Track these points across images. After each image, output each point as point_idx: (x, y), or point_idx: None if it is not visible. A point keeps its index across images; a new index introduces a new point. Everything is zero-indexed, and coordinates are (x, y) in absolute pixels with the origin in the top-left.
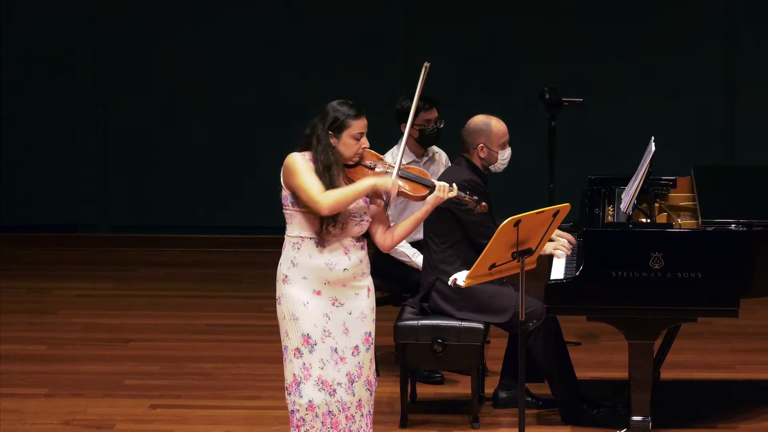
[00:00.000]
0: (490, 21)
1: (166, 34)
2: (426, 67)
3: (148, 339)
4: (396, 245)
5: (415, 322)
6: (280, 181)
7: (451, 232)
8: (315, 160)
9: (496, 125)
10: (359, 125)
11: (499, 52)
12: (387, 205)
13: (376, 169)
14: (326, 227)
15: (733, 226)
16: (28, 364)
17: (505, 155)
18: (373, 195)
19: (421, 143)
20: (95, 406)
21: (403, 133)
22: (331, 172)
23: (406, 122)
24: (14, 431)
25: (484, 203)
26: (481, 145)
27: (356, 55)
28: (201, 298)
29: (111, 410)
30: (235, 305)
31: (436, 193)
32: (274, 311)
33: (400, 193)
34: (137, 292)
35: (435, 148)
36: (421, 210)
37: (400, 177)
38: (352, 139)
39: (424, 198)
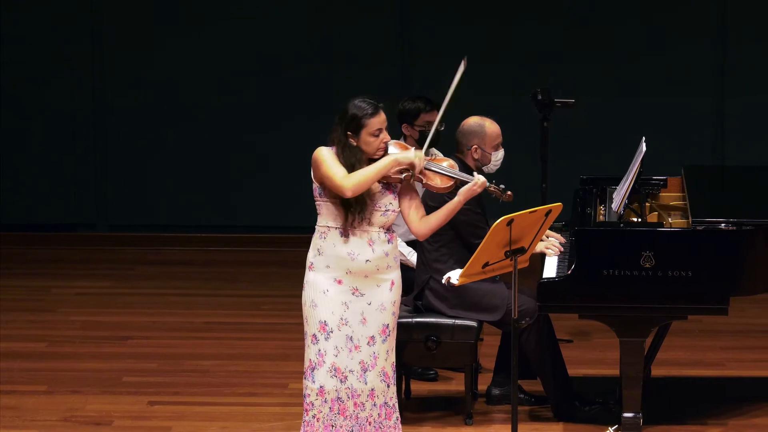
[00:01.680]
0: (483, 22)
1: (164, 35)
2: (464, 62)
3: (146, 336)
4: (430, 234)
5: (409, 320)
6: (311, 176)
7: (445, 232)
8: (338, 158)
9: (490, 127)
10: (376, 122)
11: (492, 53)
12: (413, 176)
13: None
14: (352, 221)
15: (723, 225)
16: (27, 362)
17: (498, 156)
18: (398, 172)
19: (421, 145)
20: (94, 403)
21: (403, 134)
22: (354, 171)
23: (407, 123)
24: (14, 427)
25: (509, 192)
26: (475, 146)
27: (351, 56)
28: (198, 296)
29: (110, 407)
30: (232, 303)
31: (470, 186)
32: (270, 309)
33: (426, 185)
34: (135, 290)
35: (434, 150)
36: (453, 201)
37: (428, 170)
38: (371, 137)
39: (449, 189)
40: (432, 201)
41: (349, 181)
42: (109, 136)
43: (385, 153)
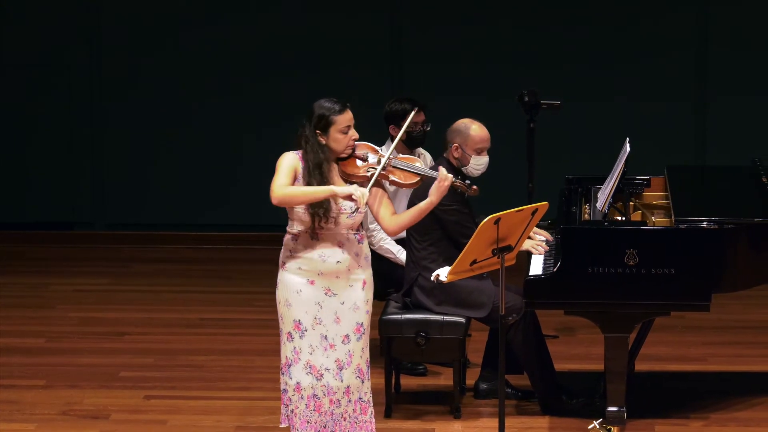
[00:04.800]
0: (472, 24)
1: (162, 35)
2: (415, 111)
3: (143, 332)
4: (400, 231)
5: (399, 316)
6: None
7: (433, 231)
8: (305, 160)
9: (476, 130)
10: (344, 119)
11: (481, 56)
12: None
13: (369, 160)
14: (318, 222)
15: (704, 223)
16: (26, 357)
17: (480, 161)
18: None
19: (408, 145)
20: (91, 397)
21: (391, 135)
22: (322, 169)
23: (395, 124)
24: (13, 421)
25: (474, 186)
26: (456, 145)
27: (344, 60)
28: (193, 293)
29: (107, 401)
30: (226, 300)
31: (437, 183)
32: (264, 305)
33: (392, 182)
34: (132, 287)
35: (420, 149)
36: (426, 201)
37: (393, 167)
38: (340, 134)
39: (415, 185)
40: (418, 200)
41: (280, 192)
42: (107, 136)
43: (353, 152)
